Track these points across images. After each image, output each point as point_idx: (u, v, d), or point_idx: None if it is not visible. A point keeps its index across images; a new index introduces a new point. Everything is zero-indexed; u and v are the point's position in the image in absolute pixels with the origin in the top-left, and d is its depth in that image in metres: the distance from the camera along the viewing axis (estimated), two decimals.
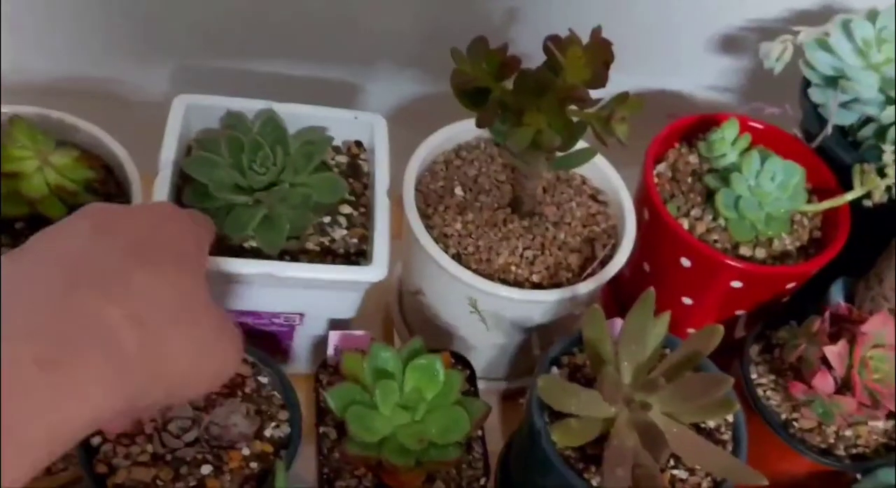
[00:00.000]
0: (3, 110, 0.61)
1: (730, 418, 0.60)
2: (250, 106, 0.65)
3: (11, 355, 0.36)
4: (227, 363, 0.48)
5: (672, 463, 0.57)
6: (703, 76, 0.87)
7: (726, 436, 0.59)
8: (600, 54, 0.56)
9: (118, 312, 0.40)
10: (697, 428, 0.59)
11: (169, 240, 0.46)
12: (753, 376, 0.66)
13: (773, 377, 0.66)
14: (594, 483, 0.55)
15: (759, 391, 0.65)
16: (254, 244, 0.61)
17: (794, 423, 0.64)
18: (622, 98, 0.58)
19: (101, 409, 0.38)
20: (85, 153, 0.62)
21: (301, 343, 0.67)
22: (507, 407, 0.74)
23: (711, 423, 0.60)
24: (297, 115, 0.65)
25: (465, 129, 0.70)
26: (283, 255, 0.60)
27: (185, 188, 0.62)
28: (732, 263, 0.66)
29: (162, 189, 0.61)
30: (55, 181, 0.58)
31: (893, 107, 0.69)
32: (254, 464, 0.56)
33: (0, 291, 0.38)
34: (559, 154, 0.63)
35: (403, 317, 0.75)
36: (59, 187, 0.58)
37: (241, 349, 0.49)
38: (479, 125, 0.58)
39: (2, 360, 0.35)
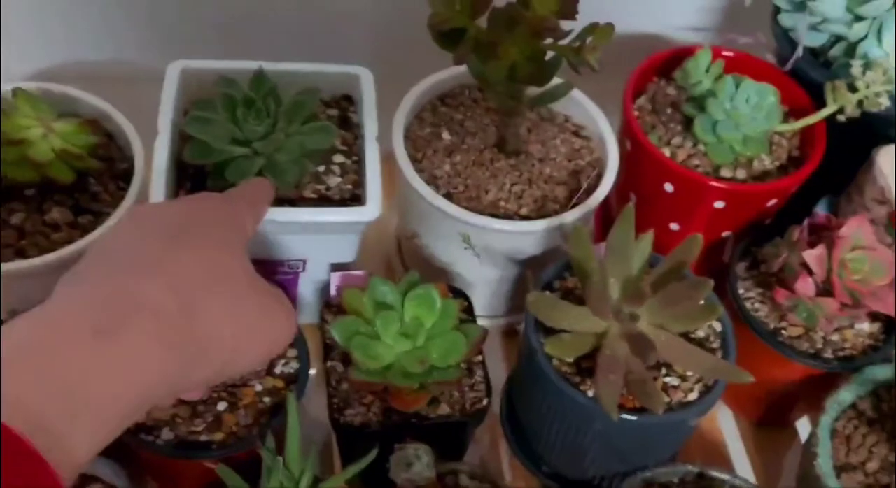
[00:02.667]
0: (6, 87, 0.64)
1: (718, 327, 0.63)
2: (242, 66, 0.67)
3: (73, 325, 0.40)
4: (278, 336, 0.50)
5: (664, 371, 0.60)
6: (677, 17, 0.90)
7: (716, 345, 0.62)
8: None
9: (153, 286, 0.43)
10: (687, 338, 0.61)
11: (203, 224, 0.49)
12: (741, 291, 0.68)
13: (759, 290, 0.68)
14: (590, 394, 0.58)
15: (747, 304, 0.68)
16: None
17: (783, 332, 0.67)
18: (592, 28, 0.60)
19: (159, 375, 0.42)
20: (87, 121, 0.65)
21: (306, 291, 0.70)
22: (508, 343, 0.77)
23: (701, 334, 0.62)
24: (287, 71, 0.68)
25: (449, 76, 0.73)
26: (282, 203, 0.63)
27: (185, 147, 0.65)
28: (714, 184, 0.68)
29: (162, 150, 0.64)
30: (60, 146, 0.62)
31: (860, 23, 0.71)
32: (266, 399, 0.59)
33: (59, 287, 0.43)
34: (538, 90, 0.66)
35: (403, 264, 0.78)
36: (65, 152, 0.62)
37: (294, 323, 0.52)
38: (456, 62, 0.61)
39: (65, 331, 0.39)
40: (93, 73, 0.79)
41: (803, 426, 0.75)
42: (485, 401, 0.61)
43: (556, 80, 0.65)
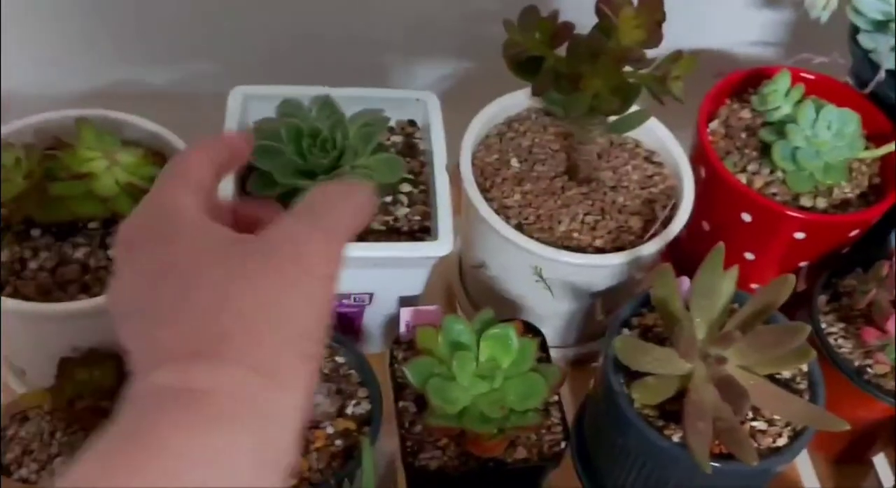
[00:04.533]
0: (69, 113, 0.63)
1: (804, 368, 0.60)
2: (305, 92, 0.66)
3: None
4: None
5: (751, 415, 0.58)
6: (745, 32, 0.87)
7: (802, 386, 0.60)
8: (652, 13, 0.56)
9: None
10: (773, 379, 0.59)
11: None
12: (823, 325, 0.66)
13: (842, 325, 0.66)
14: (675, 439, 0.56)
15: (831, 340, 0.65)
16: None
17: (868, 369, 0.64)
18: (676, 56, 0.58)
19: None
20: (149, 151, 0.64)
21: (371, 322, 0.68)
22: (576, 373, 0.74)
23: (787, 374, 0.60)
24: (351, 98, 0.66)
25: (515, 102, 0.71)
26: None
27: (249, 177, 0.63)
28: (795, 214, 0.66)
29: (227, 181, 0.62)
30: (125, 179, 0.60)
31: None
32: (339, 442, 0.58)
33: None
34: (614, 118, 0.64)
35: (466, 291, 0.76)
36: (130, 185, 0.60)
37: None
38: (536, 93, 0.59)
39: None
40: (148, 95, 0.77)
41: (880, 462, 0.73)
42: (563, 444, 0.59)
43: (632, 107, 0.62)
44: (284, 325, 0.33)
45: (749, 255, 0.71)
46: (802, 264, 0.71)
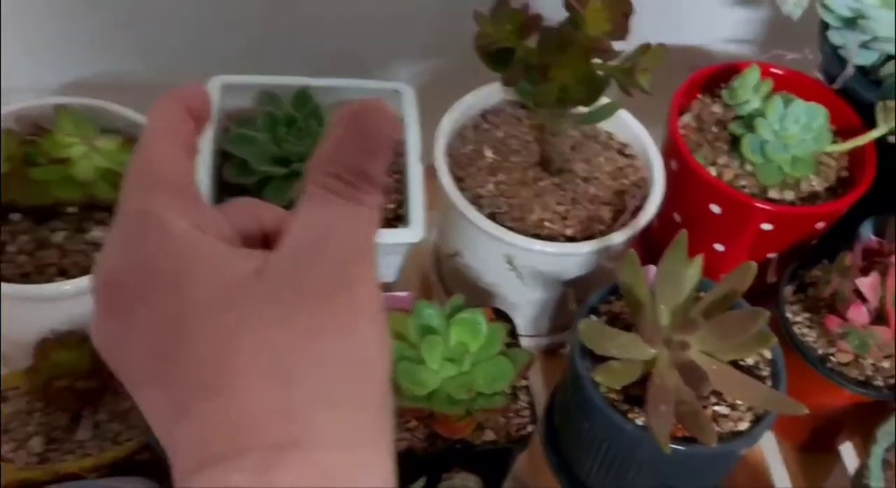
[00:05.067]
0: (49, 101, 0.64)
1: (768, 355, 0.61)
2: (283, 82, 0.67)
3: None
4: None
5: (714, 400, 0.59)
6: (719, 29, 0.88)
7: (765, 373, 0.61)
8: (619, 5, 0.57)
9: None
10: (737, 365, 0.60)
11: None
12: (789, 315, 0.67)
13: (807, 315, 0.67)
14: (638, 422, 0.57)
15: (796, 329, 0.66)
16: None
17: (832, 358, 0.65)
18: (644, 49, 0.59)
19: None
20: (128, 138, 0.65)
21: None
22: (548, 362, 0.76)
23: (750, 361, 0.61)
24: (328, 88, 0.67)
25: (489, 94, 0.72)
26: None
27: (225, 164, 0.64)
28: (762, 206, 0.67)
29: (203, 167, 0.63)
30: (103, 165, 0.61)
31: None
32: None
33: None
34: (584, 110, 0.65)
35: (441, 281, 0.77)
36: (108, 171, 0.61)
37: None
38: (506, 84, 0.60)
39: None
40: (128, 85, 0.78)
41: (846, 450, 0.74)
42: (530, 428, 0.60)
43: (602, 99, 0.63)
44: (357, 385, 0.28)
45: (719, 247, 0.72)
46: (771, 255, 0.72)
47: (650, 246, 0.78)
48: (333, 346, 0.28)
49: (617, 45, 0.59)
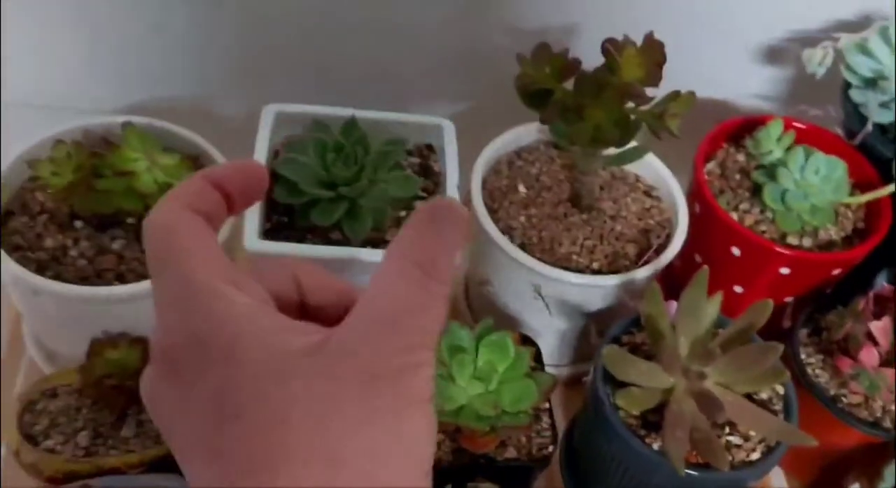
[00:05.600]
0: (116, 119, 0.69)
1: (780, 391, 0.64)
2: (333, 112, 0.71)
3: None
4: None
5: (727, 430, 0.62)
6: (748, 85, 0.92)
7: (778, 407, 0.64)
8: (653, 54, 0.62)
9: None
10: (751, 399, 0.63)
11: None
12: (803, 356, 0.70)
13: (821, 357, 0.70)
14: (655, 447, 0.60)
15: (809, 369, 0.69)
16: (337, 237, 0.67)
17: (843, 398, 0.68)
18: (674, 95, 0.63)
19: None
20: (186, 156, 0.69)
21: None
22: (569, 392, 0.79)
23: (764, 395, 0.64)
24: (375, 120, 0.71)
25: (525, 133, 0.76)
26: (365, 246, 0.66)
27: (276, 187, 0.68)
28: (781, 250, 0.70)
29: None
30: (163, 179, 0.65)
31: None
32: None
33: None
34: (615, 151, 0.69)
35: (470, 308, 0.80)
36: (167, 185, 0.65)
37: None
38: (543, 122, 0.64)
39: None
40: (186, 109, 0.83)
41: None
42: (550, 448, 0.63)
43: (632, 143, 0.67)
44: (403, 473, 0.29)
45: (738, 288, 0.75)
46: (788, 299, 0.75)
47: (672, 284, 0.81)
48: (385, 433, 0.28)
49: (649, 92, 0.64)
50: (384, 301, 0.30)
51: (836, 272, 0.73)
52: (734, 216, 0.73)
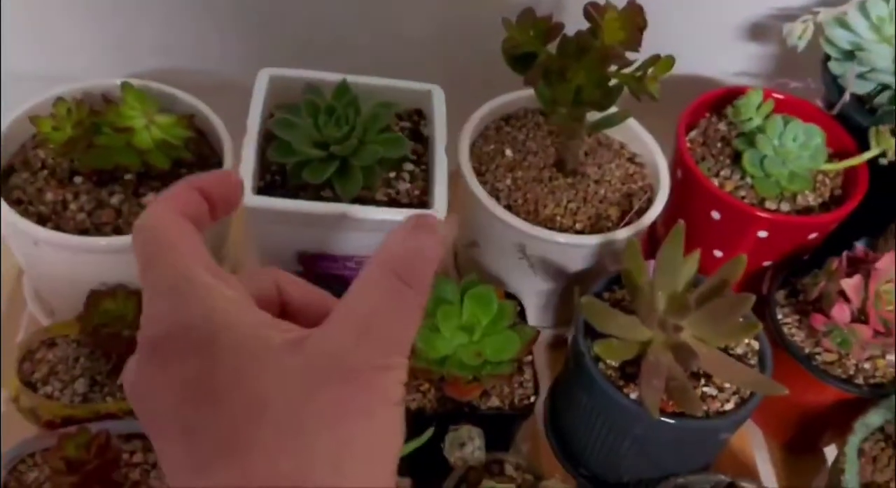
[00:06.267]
0: (115, 81, 0.71)
1: (756, 346, 0.66)
2: (326, 77, 0.73)
3: None
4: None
5: (703, 381, 0.64)
6: (731, 62, 0.94)
7: (753, 362, 0.66)
8: (634, 18, 0.64)
9: None
10: (727, 352, 0.65)
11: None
12: (779, 317, 0.72)
13: (797, 317, 0.72)
14: (632, 397, 0.62)
15: (785, 329, 0.71)
16: (328, 194, 0.69)
17: (818, 356, 0.70)
18: (654, 59, 0.65)
19: None
20: (184, 117, 0.71)
21: None
22: (553, 353, 0.81)
23: (739, 350, 0.66)
24: (367, 85, 0.74)
25: (513, 99, 0.78)
26: (355, 202, 0.68)
27: (269, 146, 0.70)
28: (759, 213, 0.72)
29: (250, 147, 0.69)
30: (160, 136, 0.67)
31: None
32: None
33: None
34: (598, 116, 0.71)
35: (458, 271, 0.83)
36: (164, 142, 0.67)
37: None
38: (527, 83, 0.66)
39: None
40: (186, 79, 0.85)
41: (830, 453, 0.78)
42: (532, 398, 0.65)
43: (614, 108, 0.70)
44: (371, 468, 0.30)
45: (718, 252, 0.77)
46: (766, 263, 0.78)
47: (656, 247, 0.83)
48: (355, 431, 0.30)
49: (631, 56, 0.66)
50: (361, 306, 0.32)
51: (812, 236, 0.75)
52: (715, 182, 0.76)
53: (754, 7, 0.90)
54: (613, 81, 0.66)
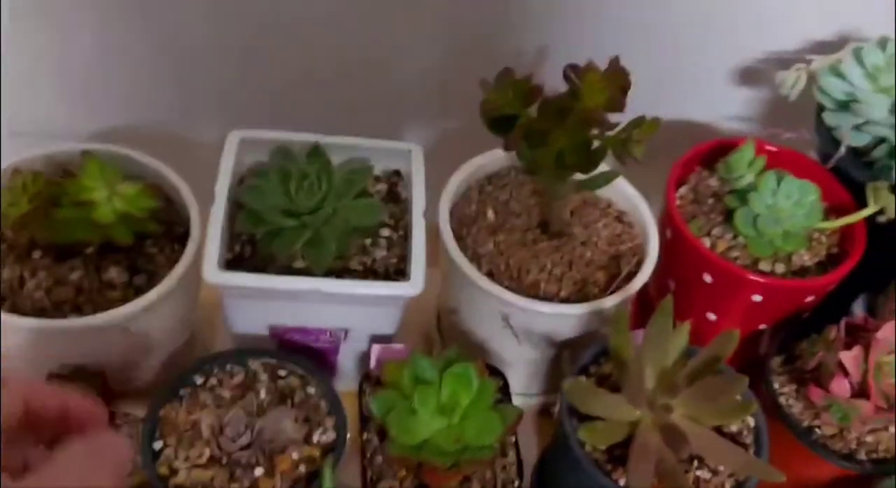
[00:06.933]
0: (76, 146, 0.68)
1: (751, 423, 0.63)
2: (298, 139, 0.70)
3: None
4: None
5: (696, 464, 0.60)
6: (723, 107, 0.91)
7: (748, 440, 0.62)
8: (617, 80, 0.61)
9: None
10: (720, 432, 0.62)
11: None
12: (776, 386, 0.69)
13: (794, 386, 0.69)
14: (621, 483, 0.59)
15: (782, 399, 0.68)
16: (301, 265, 0.66)
17: (817, 430, 0.67)
18: (638, 121, 0.62)
19: None
20: (148, 185, 0.68)
21: (346, 359, 0.72)
22: (541, 422, 0.77)
23: (734, 428, 0.63)
24: (341, 146, 0.71)
25: (495, 159, 0.75)
26: (328, 275, 0.65)
27: (238, 214, 0.67)
28: (753, 277, 0.69)
29: (217, 216, 0.66)
30: (123, 209, 0.64)
31: None
32: (303, 467, 0.61)
33: None
34: (583, 176, 0.68)
35: (441, 337, 0.79)
36: (127, 215, 0.64)
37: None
38: (507, 148, 0.63)
39: None
40: (148, 135, 0.82)
41: None
42: (516, 483, 0.62)
43: (602, 167, 0.66)
44: None
45: (711, 316, 0.74)
46: (762, 327, 0.74)
47: (647, 311, 0.80)
48: None
49: (617, 117, 0.63)
50: None
51: (809, 299, 0.72)
52: (706, 242, 0.72)
53: (746, 52, 0.87)
54: (595, 142, 0.63)
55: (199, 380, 0.64)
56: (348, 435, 0.63)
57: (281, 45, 0.78)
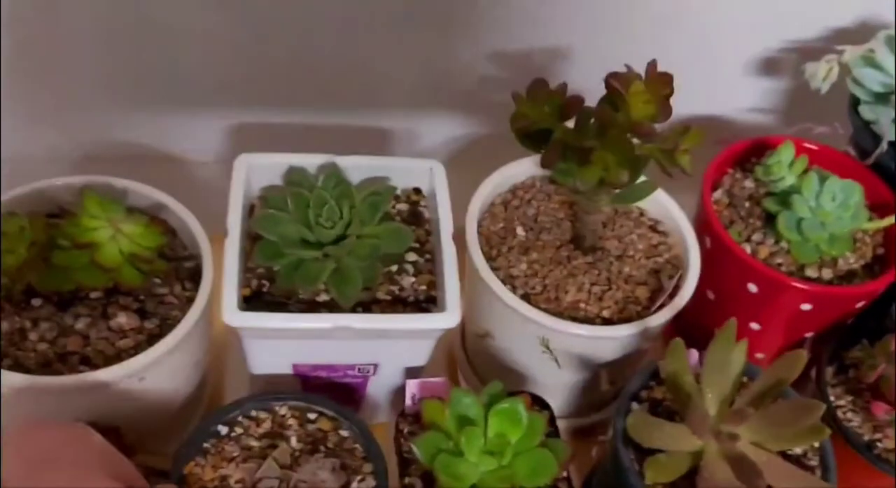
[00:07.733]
0: (73, 180, 0.62)
1: (815, 443, 0.59)
2: (311, 161, 0.65)
3: None
4: None
5: None
6: (744, 99, 0.88)
7: (814, 462, 0.59)
8: (661, 88, 0.57)
9: None
10: (784, 455, 0.58)
11: None
12: (832, 398, 0.65)
13: (850, 398, 0.65)
14: None
15: (840, 413, 0.65)
16: (324, 298, 0.61)
17: (878, 444, 0.63)
18: (684, 130, 0.58)
19: None
20: (153, 219, 0.63)
21: (376, 393, 0.67)
22: (580, 444, 0.73)
23: (798, 450, 0.59)
24: (356, 166, 0.66)
25: (519, 170, 0.71)
26: (355, 307, 0.60)
27: (254, 246, 0.62)
28: (801, 286, 0.66)
29: (232, 252, 0.61)
30: (129, 249, 0.59)
31: None
32: None
33: None
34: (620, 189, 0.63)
35: (468, 359, 0.75)
36: (134, 255, 0.59)
37: None
38: (544, 166, 0.59)
39: None
40: (152, 160, 0.76)
41: None
42: None
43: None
44: None
45: (755, 325, 0.70)
46: (808, 335, 0.71)
47: (682, 324, 0.76)
48: None
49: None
50: None
51: (859, 305, 0.68)
52: (747, 248, 0.69)
53: (766, 42, 0.84)
54: (639, 153, 0.59)
55: (223, 430, 0.59)
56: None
57: (287, 56, 0.73)
